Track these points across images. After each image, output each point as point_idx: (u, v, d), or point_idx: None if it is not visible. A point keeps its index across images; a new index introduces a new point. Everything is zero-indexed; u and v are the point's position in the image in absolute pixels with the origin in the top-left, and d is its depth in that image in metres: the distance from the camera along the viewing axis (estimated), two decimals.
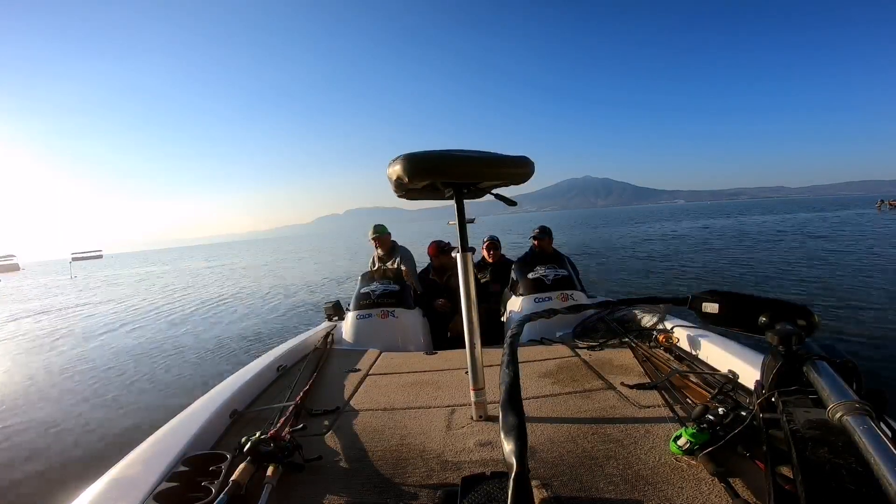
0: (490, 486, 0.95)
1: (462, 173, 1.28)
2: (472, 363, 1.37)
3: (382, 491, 1.05)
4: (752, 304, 0.99)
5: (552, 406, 1.46)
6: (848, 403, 0.63)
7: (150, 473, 1.05)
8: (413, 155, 1.23)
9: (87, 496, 0.99)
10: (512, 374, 0.73)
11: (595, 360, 1.88)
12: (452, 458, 1.17)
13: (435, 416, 1.45)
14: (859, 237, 15.80)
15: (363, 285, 2.89)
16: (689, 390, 1.47)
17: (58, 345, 8.07)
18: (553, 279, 2.77)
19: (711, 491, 0.94)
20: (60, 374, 5.99)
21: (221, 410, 1.46)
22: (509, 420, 0.60)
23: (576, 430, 1.27)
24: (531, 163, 1.34)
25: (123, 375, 5.66)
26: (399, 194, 1.41)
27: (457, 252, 1.39)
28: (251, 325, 8.35)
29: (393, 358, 2.21)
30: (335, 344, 2.51)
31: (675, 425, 1.22)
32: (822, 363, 0.79)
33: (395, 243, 3.65)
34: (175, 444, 1.19)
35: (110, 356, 6.79)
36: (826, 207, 51.61)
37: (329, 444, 1.31)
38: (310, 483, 1.10)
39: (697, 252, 15.04)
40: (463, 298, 1.38)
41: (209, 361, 6.06)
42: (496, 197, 1.48)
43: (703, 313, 1.09)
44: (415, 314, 2.84)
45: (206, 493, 0.98)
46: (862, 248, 12.55)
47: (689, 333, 1.91)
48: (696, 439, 1.02)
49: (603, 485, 1.00)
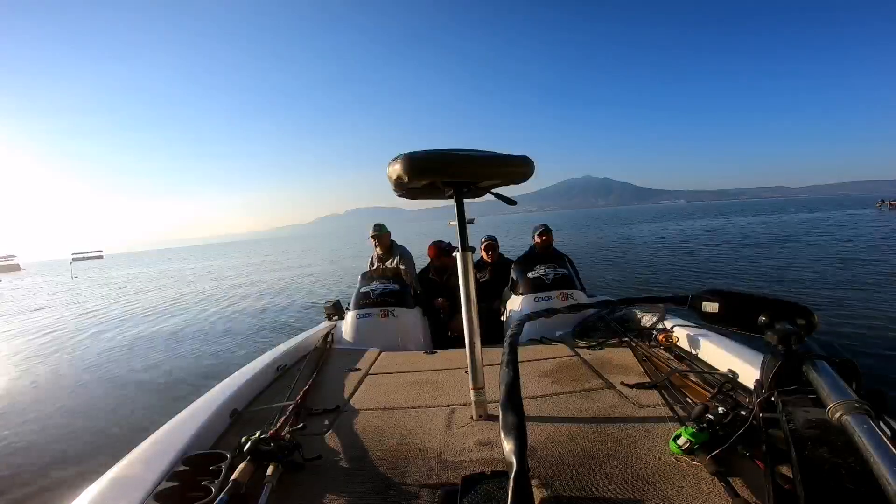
0: (490, 485, 0.95)
1: (462, 173, 1.28)
2: (472, 363, 1.37)
3: (382, 490, 1.05)
4: (752, 303, 0.99)
5: (552, 405, 1.46)
6: (847, 403, 0.63)
7: (151, 473, 1.05)
8: (413, 154, 1.23)
9: (87, 496, 0.99)
10: (512, 373, 0.73)
11: (595, 360, 1.88)
12: (452, 458, 1.17)
13: (435, 416, 1.45)
14: (860, 237, 15.78)
15: (363, 285, 2.89)
16: (689, 390, 1.47)
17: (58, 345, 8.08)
18: (553, 278, 2.77)
19: (711, 490, 0.94)
20: (60, 374, 6.00)
21: (221, 410, 1.46)
22: (509, 419, 0.60)
23: (576, 429, 1.27)
24: (531, 162, 1.34)
25: (123, 375, 5.66)
26: (399, 194, 1.41)
27: (457, 251, 1.39)
28: (251, 325, 8.34)
29: (393, 357, 2.21)
30: (335, 343, 2.51)
31: (675, 425, 1.22)
32: (821, 363, 0.79)
33: (393, 243, 3.67)
34: (175, 443, 1.19)
35: (109, 356, 6.79)
36: (826, 207, 51.59)
37: (329, 443, 1.31)
38: (310, 482, 1.10)
39: (697, 252, 15.02)
40: (463, 298, 1.38)
41: (209, 361, 6.06)
42: (496, 196, 1.48)
43: (702, 313, 1.09)
44: (415, 314, 2.84)
45: (207, 492, 0.98)
46: (862, 249, 12.53)
47: (688, 333, 1.91)
48: (695, 439, 1.02)
49: (603, 484, 1.00)
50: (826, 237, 16.58)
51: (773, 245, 15.20)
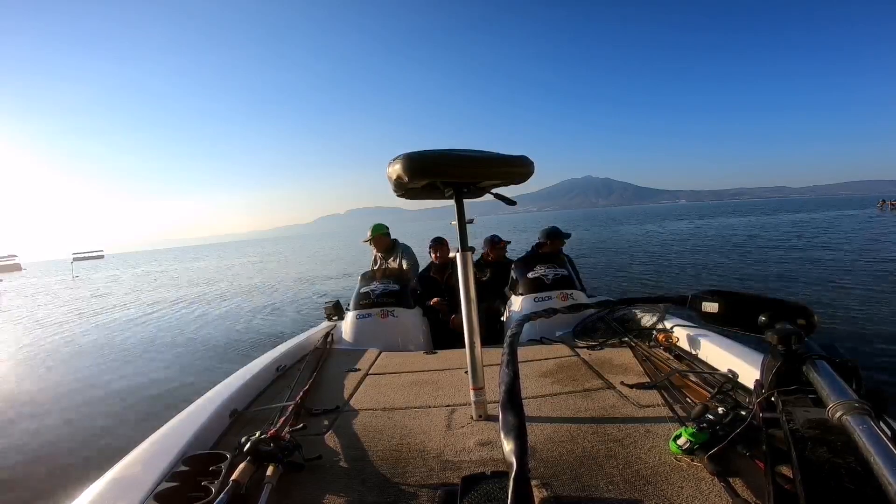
0: (490, 485, 0.95)
1: (462, 173, 1.28)
2: (472, 363, 1.37)
3: (382, 490, 1.05)
4: (752, 303, 0.99)
5: (552, 405, 1.46)
6: (847, 403, 0.63)
7: (150, 473, 1.05)
8: (413, 154, 1.22)
9: (87, 496, 0.99)
10: (512, 373, 0.73)
11: (595, 360, 1.88)
12: (452, 458, 1.17)
13: (435, 416, 1.45)
14: (860, 237, 15.77)
15: (363, 285, 2.89)
16: (689, 390, 1.47)
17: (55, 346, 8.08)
18: (553, 278, 2.77)
19: (711, 490, 0.94)
20: (58, 374, 6.00)
21: (221, 410, 1.45)
22: (509, 420, 0.60)
23: (575, 429, 1.27)
24: (531, 162, 1.34)
25: (123, 374, 5.66)
26: (399, 194, 1.41)
27: (457, 251, 1.39)
28: (251, 325, 8.35)
29: (393, 357, 2.21)
30: (335, 344, 2.51)
31: (675, 425, 1.22)
32: (821, 363, 0.79)
33: (395, 241, 3.68)
34: (175, 443, 1.19)
35: (108, 356, 6.79)
36: (827, 207, 51.57)
37: (329, 443, 1.31)
38: (310, 483, 1.10)
39: (697, 252, 15.02)
40: (463, 298, 1.38)
41: (208, 361, 6.06)
42: (496, 196, 1.48)
43: (702, 313, 1.09)
44: (415, 314, 2.84)
45: (207, 492, 0.98)
46: (863, 249, 12.53)
47: (688, 333, 1.91)
48: (695, 439, 1.02)
49: (603, 484, 1.00)
50: (827, 237, 16.56)
51: (773, 245, 15.19)
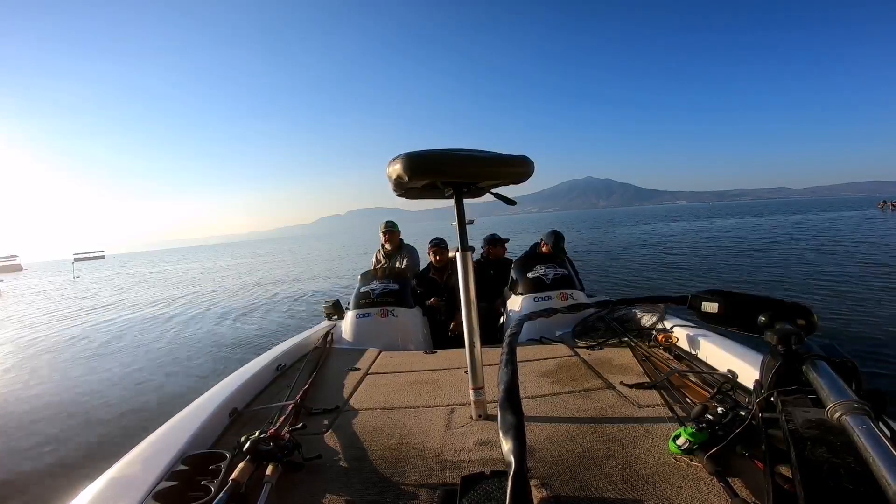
0: (489, 485, 0.95)
1: (462, 172, 1.28)
2: (472, 362, 1.37)
3: (382, 490, 1.05)
4: (752, 303, 0.99)
5: (551, 405, 1.46)
6: (847, 403, 0.63)
7: (150, 472, 1.05)
8: (413, 154, 1.23)
9: (86, 495, 0.99)
10: (511, 373, 0.73)
11: (594, 360, 1.88)
12: (452, 458, 1.17)
13: (434, 416, 1.45)
14: (861, 238, 15.77)
15: (363, 284, 2.90)
16: (689, 390, 1.47)
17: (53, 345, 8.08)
18: (552, 278, 2.77)
19: (710, 490, 0.94)
20: (57, 373, 6.00)
21: (221, 409, 1.46)
22: (508, 419, 0.60)
23: (575, 429, 1.27)
24: (531, 162, 1.34)
25: (123, 374, 5.67)
26: (399, 193, 1.41)
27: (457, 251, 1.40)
28: (251, 325, 8.35)
29: (392, 357, 2.21)
30: (335, 343, 2.51)
31: (675, 425, 1.22)
32: (821, 363, 0.79)
33: (402, 241, 3.74)
34: (174, 443, 1.19)
35: (108, 356, 6.80)
36: (828, 208, 51.55)
37: (329, 443, 1.31)
38: (309, 482, 1.10)
39: (697, 252, 15.02)
40: (462, 298, 1.38)
41: (208, 360, 6.06)
42: (496, 196, 1.48)
43: (702, 313, 1.09)
44: (414, 313, 2.84)
45: (206, 492, 0.98)
46: (863, 249, 12.52)
47: (688, 333, 1.91)
48: (695, 439, 1.02)
49: (602, 484, 1.00)
50: (827, 238, 16.55)
51: (774, 245, 15.19)
